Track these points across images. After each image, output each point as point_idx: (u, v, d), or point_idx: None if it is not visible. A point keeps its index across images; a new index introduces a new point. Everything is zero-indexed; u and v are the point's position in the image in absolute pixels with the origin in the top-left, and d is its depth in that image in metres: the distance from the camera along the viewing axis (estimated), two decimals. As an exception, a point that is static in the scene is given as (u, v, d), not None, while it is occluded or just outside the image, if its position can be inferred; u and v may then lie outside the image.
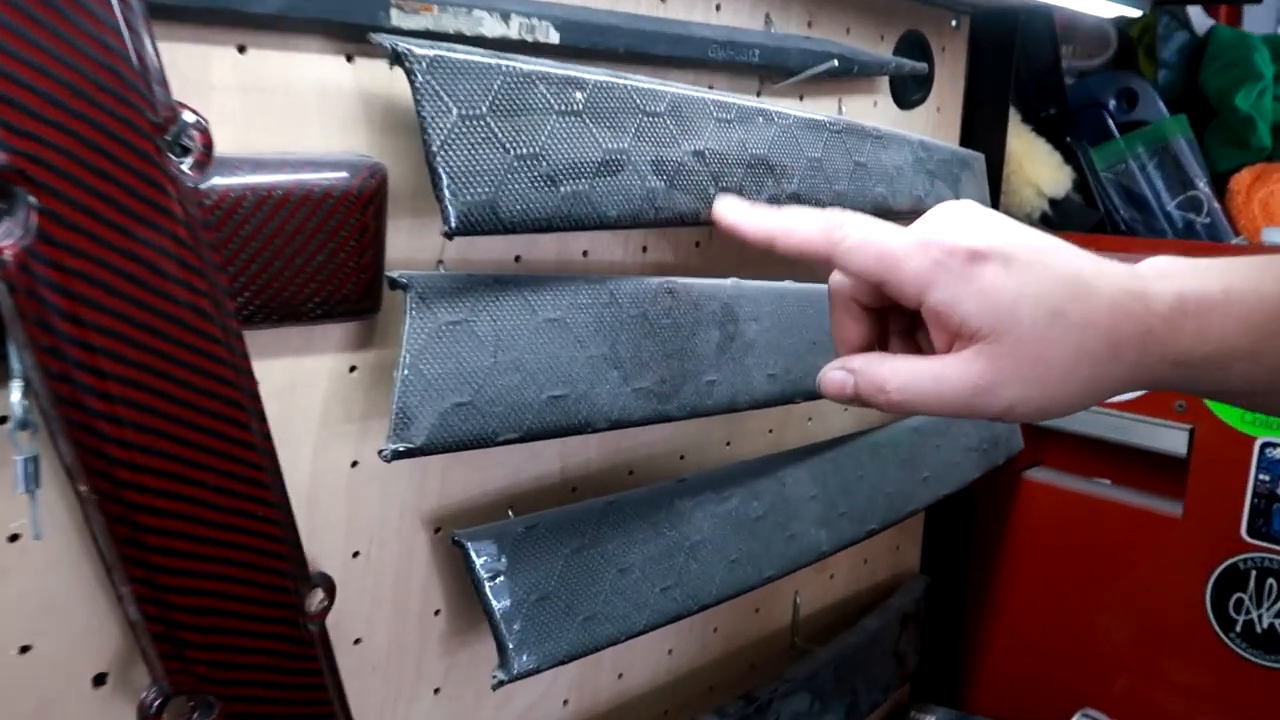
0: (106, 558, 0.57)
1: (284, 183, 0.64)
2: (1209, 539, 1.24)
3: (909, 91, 1.21)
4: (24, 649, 0.61)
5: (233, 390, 0.61)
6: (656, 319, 0.82)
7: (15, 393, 0.53)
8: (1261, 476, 1.19)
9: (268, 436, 0.65)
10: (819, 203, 0.92)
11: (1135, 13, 1.15)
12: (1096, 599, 1.36)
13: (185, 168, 0.57)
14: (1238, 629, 1.23)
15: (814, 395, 0.95)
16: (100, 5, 0.51)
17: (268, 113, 0.66)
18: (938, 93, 1.28)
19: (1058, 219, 1.37)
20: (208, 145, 0.58)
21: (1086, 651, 1.37)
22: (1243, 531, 1.21)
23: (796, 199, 0.90)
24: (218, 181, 0.61)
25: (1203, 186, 1.36)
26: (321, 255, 0.67)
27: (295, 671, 0.68)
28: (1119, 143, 1.40)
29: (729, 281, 0.89)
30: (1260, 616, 1.21)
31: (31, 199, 0.49)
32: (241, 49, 0.65)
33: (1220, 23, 2.26)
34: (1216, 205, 1.37)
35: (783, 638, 1.26)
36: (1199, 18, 1.78)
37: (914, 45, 1.21)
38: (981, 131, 1.33)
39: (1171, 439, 1.26)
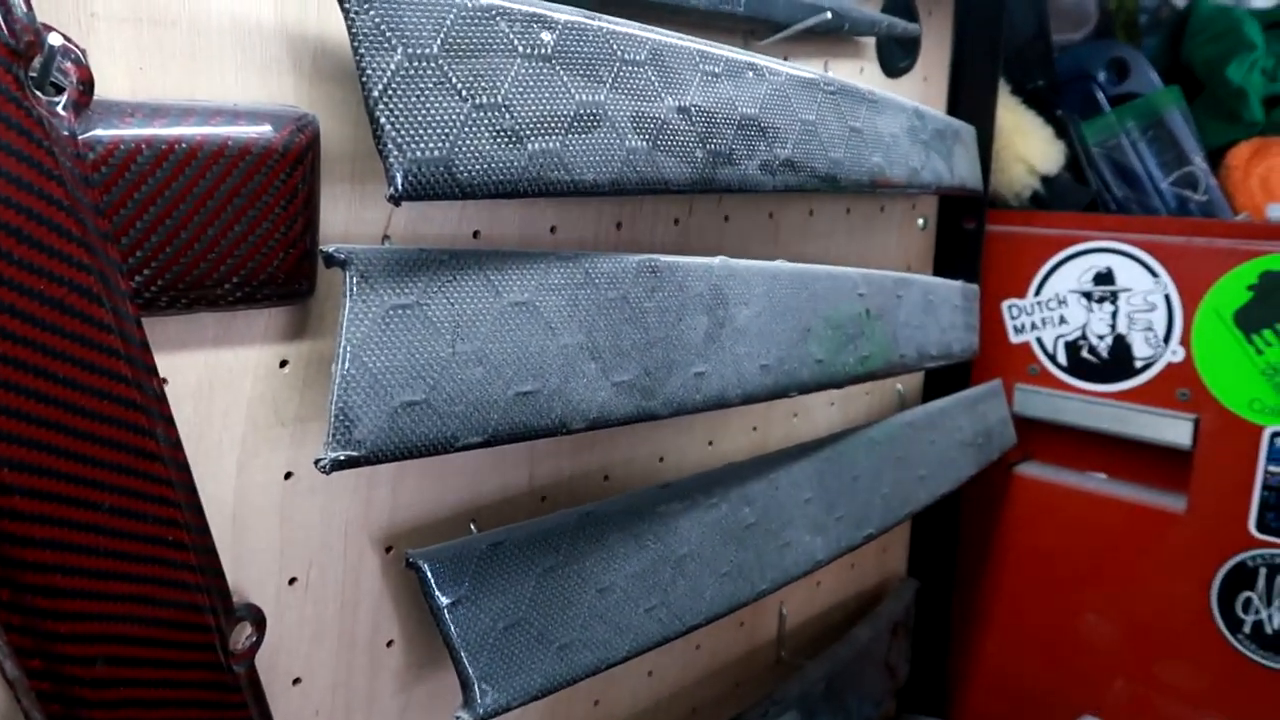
0: (-37, 604, 0.46)
1: (190, 135, 0.53)
2: (1215, 535, 1.17)
3: (896, 58, 1.12)
4: None
5: (129, 389, 0.49)
6: (638, 302, 0.71)
7: None
8: (1272, 468, 1.12)
9: (177, 445, 0.53)
10: (814, 171, 0.83)
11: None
12: (1093, 600, 1.28)
13: (59, 109, 0.46)
14: (1246, 629, 1.16)
15: (809, 388, 0.86)
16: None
17: (168, 50, 0.54)
18: (924, 61, 1.19)
19: (1050, 197, 1.29)
20: (86, 82, 0.47)
21: (1083, 656, 1.30)
22: (1251, 526, 1.14)
23: (790, 166, 0.80)
24: (102, 132, 0.49)
25: (1199, 162, 1.29)
26: (240, 225, 0.55)
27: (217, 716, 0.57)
28: (1110, 116, 1.32)
29: (717, 260, 0.79)
30: (1271, 616, 1.14)
31: None
32: (137, -28, 0.53)
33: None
34: (1213, 181, 1.30)
35: (769, 652, 1.16)
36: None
37: (900, 7, 1.11)
38: (970, 103, 1.24)
39: (1174, 430, 1.19)
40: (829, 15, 0.87)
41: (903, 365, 1.02)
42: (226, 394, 0.60)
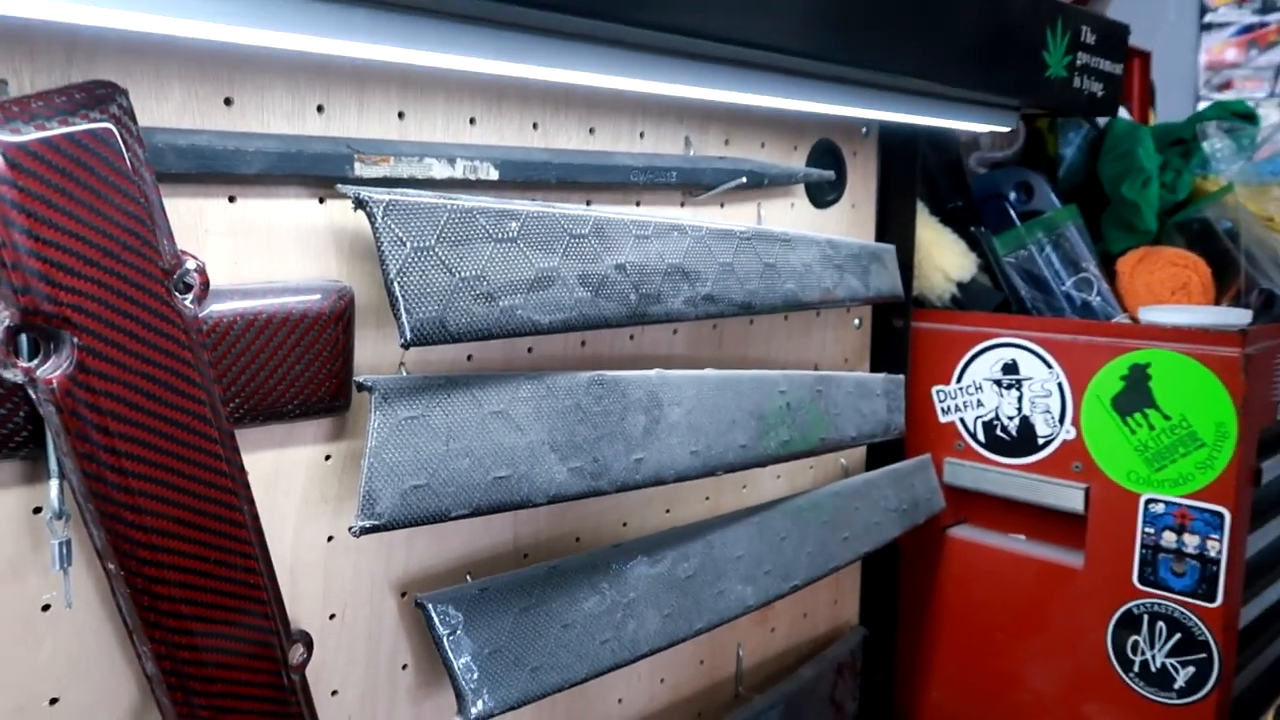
0: (129, 622, 0.70)
1: (267, 307, 0.79)
2: (1107, 587, 1.37)
3: (823, 193, 1.38)
4: (53, 701, 0.74)
5: (227, 479, 0.74)
6: (588, 407, 0.96)
7: (54, 489, 0.67)
8: (1147, 529, 1.33)
9: (256, 517, 0.78)
10: (731, 301, 1.07)
11: (1006, 127, 1.32)
12: (1016, 644, 1.49)
13: (188, 302, 0.72)
14: (1135, 669, 1.36)
15: (736, 467, 1.10)
16: (126, 184, 0.66)
17: (254, 249, 0.81)
18: (852, 191, 1.44)
19: (966, 300, 1.53)
20: (205, 283, 0.73)
21: (1009, 693, 1.50)
22: (1135, 579, 1.35)
23: (710, 299, 1.05)
24: (213, 309, 0.75)
25: (1091, 269, 1.52)
26: (300, 365, 0.81)
27: (281, 716, 0.81)
28: (1019, 230, 1.56)
29: (654, 372, 1.03)
30: (1154, 657, 1.34)
31: (73, 339, 0.63)
32: (231, 199, 0.80)
33: (1134, 115, 2.47)
34: (1105, 285, 1.53)
35: (728, 687, 1.38)
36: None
37: (826, 152, 1.37)
38: (894, 225, 1.49)
39: (1071, 497, 1.40)
40: (744, 180, 1.13)
41: (823, 446, 1.25)
42: (287, 480, 0.85)
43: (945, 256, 1.50)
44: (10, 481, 0.70)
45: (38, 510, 0.71)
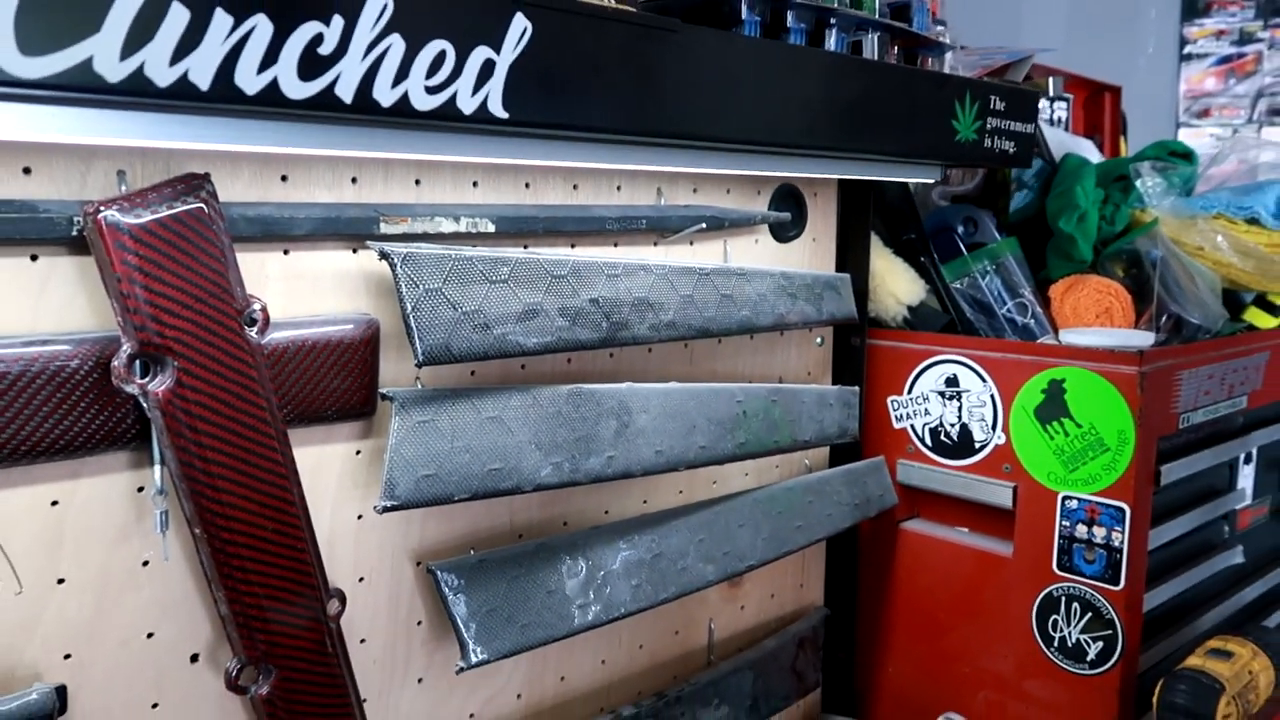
0: (208, 574, 0.94)
1: (312, 335, 1.02)
2: (1031, 573, 1.58)
3: (785, 229, 1.59)
4: (150, 635, 0.97)
5: (282, 467, 0.98)
6: (568, 414, 1.18)
7: (157, 472, 0.91)
8: (1064, 522, 1.54)
9: (303, 498, 1.01)
10: (690, 327, 1.30)
11: (930, 180, 1.53)
12: (958, 624, 1.69)
13: (254, 333, 0.95)
14: (1055, 644, 1.56)
15: (696, 464, 1.32)
16: (211, 248, 0.89)
17: (302, 291, 1.04)
18: (813, 227, 1.65)
19: (915, 321, 1.74)
20: (266, 319, 0.96)
21: (954, 666, 1.70)
22: (1054, 566, 1.55)
23: (672, 326, 1.27)
24: (273, 337, 0.98)
25: (1026, 294, 1.73)
26: (336, 380, 1.04)
27: (322, 654, 1.04)
28: (966, 259, 1.77)
29: (625, 385, 1.26)
30: (1070, 633, 1.54)
31: (174, 363, 0.87)
32: (286, 252, 1.03)
33: (1105, 145, 2.67)
34: (1039, 310, 1.73)
35: (700, 656, 1.60)
36: (1056, 143, 2.17)
37: (788, 195, 1.59)
38: (851, 255, 1.70)
39: (1001, 494, 1.61)
40: (704, 225, 1.35)
41: (778, 448, 1.47)
42: (327, 470, 1.09)
43: (897, 283, 1.71)
44: (122, 467, 0.94)
45: (140, 489, 0.95)
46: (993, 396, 1.61)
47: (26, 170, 0.85)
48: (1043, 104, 2.43)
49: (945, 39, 1.58)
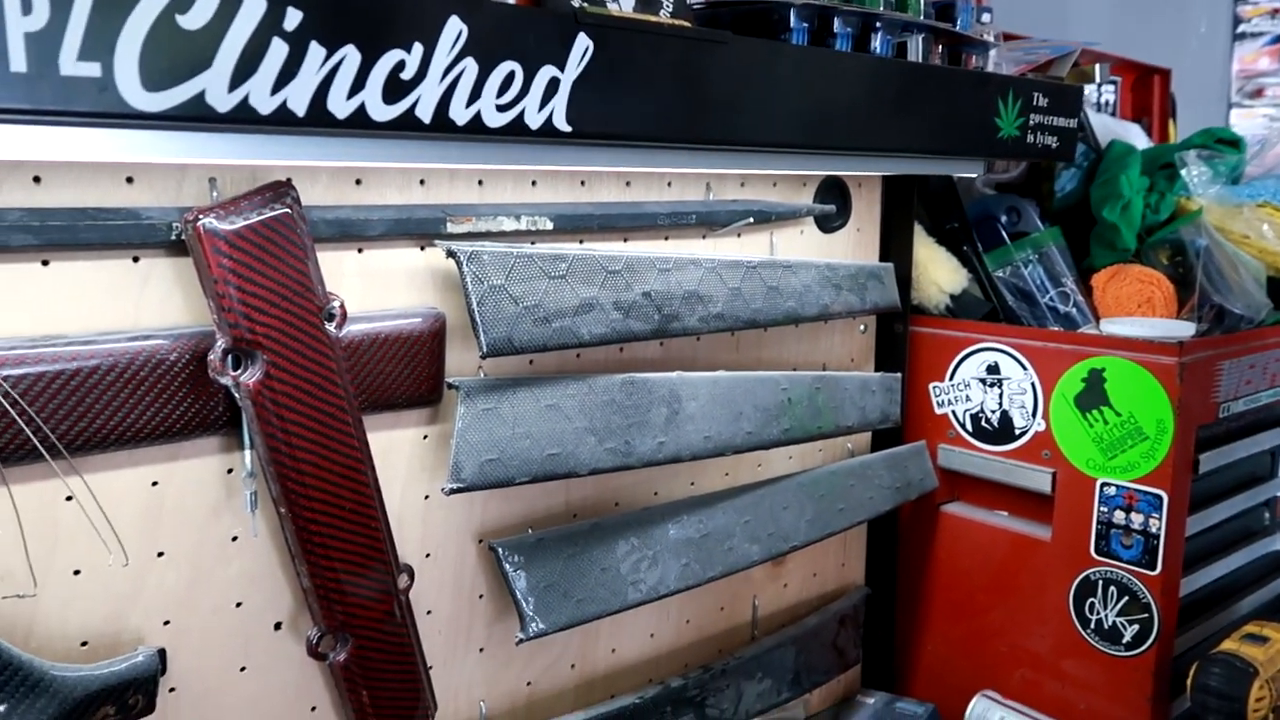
0: (292, 550, 1.02)
1: (384, 328, 1.09)
2: (1069, 557, 1.62)
3: (830, 221, 1.64)
4: (238, 604, 1.06)
5: (358, 451, 1.05)
6: (621, 402, 1.25)
7: (247, 456, 0.99)
8: (1102, 508, 1.57)
9: (375, 479, 1.09)
10: (738, 319, 1.35)
11: (973, 175, 1.56)
12: (996, 604, 1.74)
13: (332, 327, 1.02)
14: (1092, 626, 1.60)
15: (740, 450, 1.38)
16: (296, 250, 0.96)
17: (375, 287, 1.11)
18: (857, 217, 1.70)
19: (958, 310, 1.77)
20: (344, 314, 1.03)
21: (990, 645, 1.75)
22: (1092, 550, 1.59)
23: (720, 317, 1.33)
24: (349, 330, 1.06)
25: (1068, 283, 1.76)
26: (406, 369, 1.12)
27: (393, 624, 1.12)
28: (1009, 248, 1.80)
29: (675, 374, 1.32)
30: (1106, 616, 1.58)
31: (264, 356, 0.94)
32: (360, 250, 1.10)
33: (1153, 128, 2.66)
34: (1081, 298, 1.76)
35: (744, 631, 1.66)
36: (1102, 129, 2.17)
37: (833, 186, 1.63)
38: (895, 245, 1.74)
39: (1040, 480, 1.65)
40: (751, 219, 1.40)
41: (821, 433, 1.52)
42: (397, 454, 1.16)
43: (939, 272, 1.75)
44: (214, 450, 1.02)
45: (230, 471, 1.03)
46: (1033, 384, 1.65)
47: (129, 180, 0.93)
48: (1089, 89, 2.43)
49: (989, 32, 1.61)
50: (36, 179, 0.88)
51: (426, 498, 1.20)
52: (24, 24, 0.67)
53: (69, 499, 0.94)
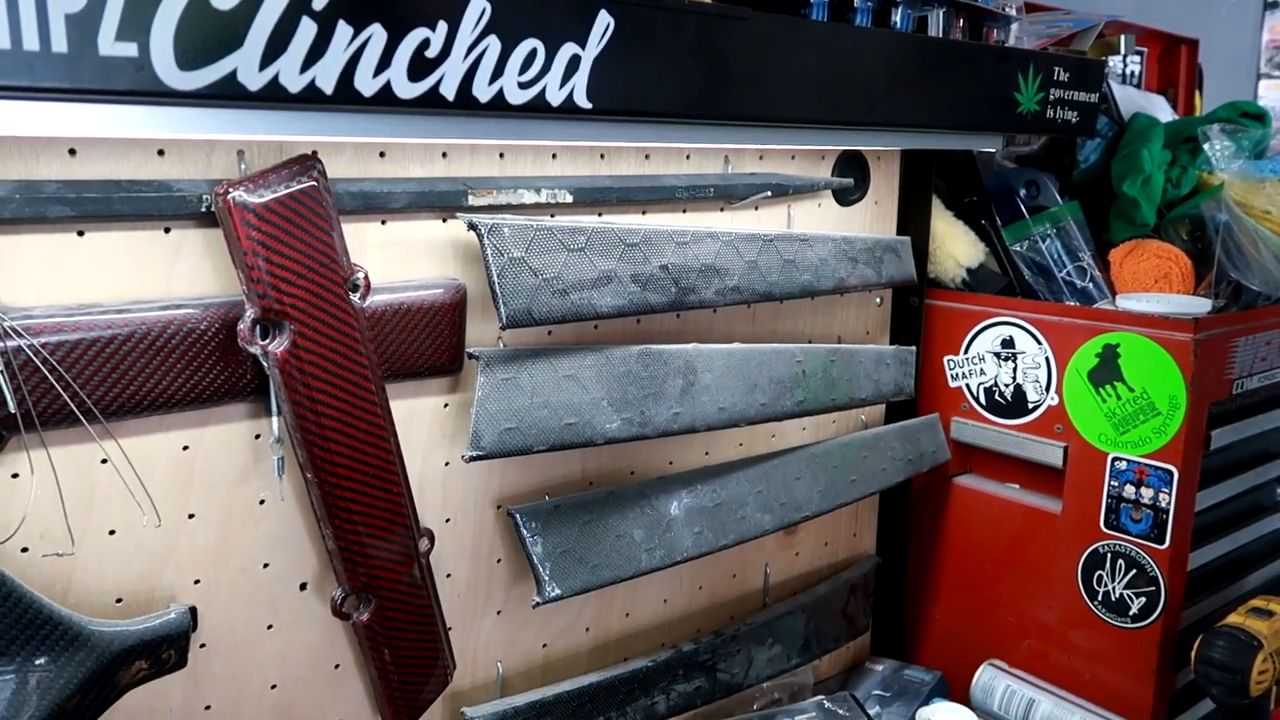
0: (317, 513, 1.05)
1: (407, 299, 1.12)
2: (1079, 530, 1.64)
3: (847, 194, 1.65)
4: (265, 565, 1.10)
5: (381, 419, 1.08)
6: (638, 373, 1.27)
7: (275, 423, 1.02)
8: (1113, 483, 1.59)
9: (398, 446, 1.12)
10: (754, 292, 1.37)
11: (992, 149, 1.57)
12: (1006, 575, 1.76)
13: (357, 298, 1.05)
14: (1100, 598, 1.62)
15: (756, 421, 1.40)
16: (322, 222, 0.99)
17: (398, 258, 1.14)
18: (875, 190, 1.70)
19: (974, 283, 1.78)
20: (368, 285, 1.06)
21: (999, 615, 1.78)
22: (1101, 524, 1.61)
23: (736, 290, 1.35)
24: (372, 300, 1.08)
25: (1086, 258, 1.76)
26: (428, 339, 1.14)
27: (414, 586, 1.15)
28: (1027, 223, 1.80)
29: (691, 346, 1.34)
30: (1114, 589, 1.61)
31: (291, 326, 0.97)
32: (383, 222, 1.12)
33: (1179, 100, 2.64)
34: (1098, 273, 1.76)
35: (756, 599, 1.69)
36: (1126, 102, 2.16)
37: (851, 160, 1.64)
38: (912, 218, 1.75)
39: (1052, 453, 1.66)
40: (769, 193, 1.42)
41: (835, 405, 1.54)
42: (418, 421, 1.19)
43: (956, 246, 1.76)
44: (242, 416, 1.05)
45: (258, 436, 1.07)
46: (1047, 359, 1.66)
47: (160, 152, 0.96)
48: (1114, 60, 2.41)
49: (1012, 5, 1.61)
50: (72, 151, 0.91)
51: (447, 464, 1.23)
52: (64, 5, 0.70)
53: (104, 462, 0.97)
